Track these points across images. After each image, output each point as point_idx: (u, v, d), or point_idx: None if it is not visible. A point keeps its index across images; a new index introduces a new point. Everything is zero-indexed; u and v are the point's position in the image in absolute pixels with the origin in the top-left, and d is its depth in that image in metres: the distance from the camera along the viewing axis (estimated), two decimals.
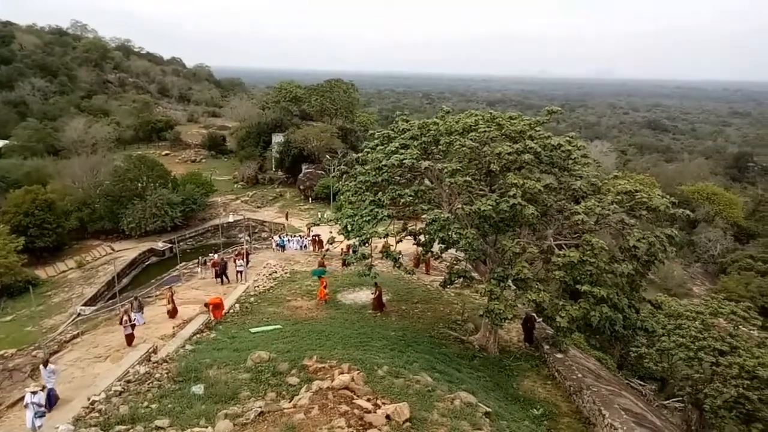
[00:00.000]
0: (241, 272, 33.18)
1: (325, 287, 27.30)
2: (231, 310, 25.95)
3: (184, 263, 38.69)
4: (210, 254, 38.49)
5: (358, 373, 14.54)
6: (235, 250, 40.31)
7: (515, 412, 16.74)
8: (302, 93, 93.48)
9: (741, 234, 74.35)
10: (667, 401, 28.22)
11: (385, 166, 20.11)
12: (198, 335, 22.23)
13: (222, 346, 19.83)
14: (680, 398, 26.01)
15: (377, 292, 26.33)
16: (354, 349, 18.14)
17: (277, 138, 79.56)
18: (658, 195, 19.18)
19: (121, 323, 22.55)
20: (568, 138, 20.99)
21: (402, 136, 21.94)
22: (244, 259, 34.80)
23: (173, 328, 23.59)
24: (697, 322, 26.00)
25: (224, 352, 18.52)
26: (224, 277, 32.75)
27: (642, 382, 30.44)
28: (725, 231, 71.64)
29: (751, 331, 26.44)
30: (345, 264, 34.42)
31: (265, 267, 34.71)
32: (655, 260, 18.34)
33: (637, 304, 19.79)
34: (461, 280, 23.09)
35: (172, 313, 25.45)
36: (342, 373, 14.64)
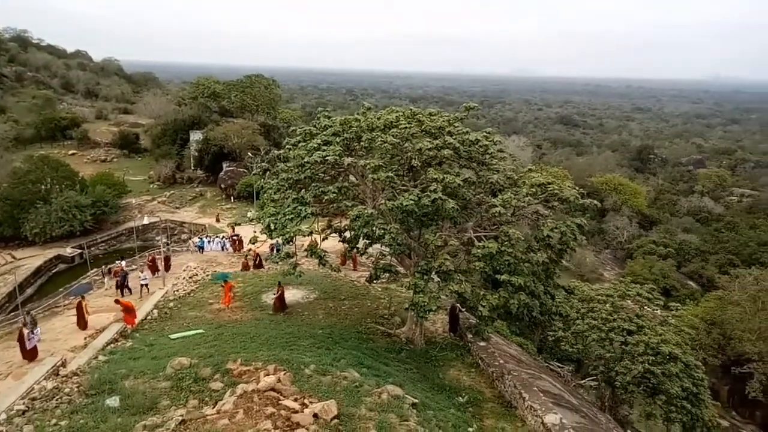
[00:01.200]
0: (145, 285, 29.55)
1: (230, 292, 26.36)
2: (149, 317, 24.76)
3: (95, 269, 36.44)
4: (118, 261, 35.82)
5: (284, 374, 14.34)
6: (150, 254, 37.20)
7: (441, 401, 17.15)
8: (221, 89, 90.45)
9: (645, 221, 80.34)
10: (583, 380, 29.84)
11: (308, 163, 19.90)
12: (112, 345, 21.02)
13: (139, 354, 18.88)
14: (595, 377, 27.64)
15: (279, 292, 25.68)
16: (280, 350, 17.86)
17: (196, 135, 76.65)
18: (569, 186, 20.27)
19: (18, 340, 20.89)
20: (485, 133, 21.70)
21: (324, 132, 21.79)
22: (161, 266, 32.88)
23: (84, 338, 22.17)
24: (607, 305, 27.84)
25: (142, 360, 17.65)
26: (125, 289, 29.57)
27: (560, 364, 32.03)
28: (631, 219, 77.12)
29: (655, 311, 28.64)
30: (245, 268, 33.86)
31: (185, 270, 33.37)
32: (567, 248, 19.38)
33: (552, 290, 20.82)
34: (387, 274, 23.35)
35: (83, 324, 23.88)
36: (268, 374, 14.39)
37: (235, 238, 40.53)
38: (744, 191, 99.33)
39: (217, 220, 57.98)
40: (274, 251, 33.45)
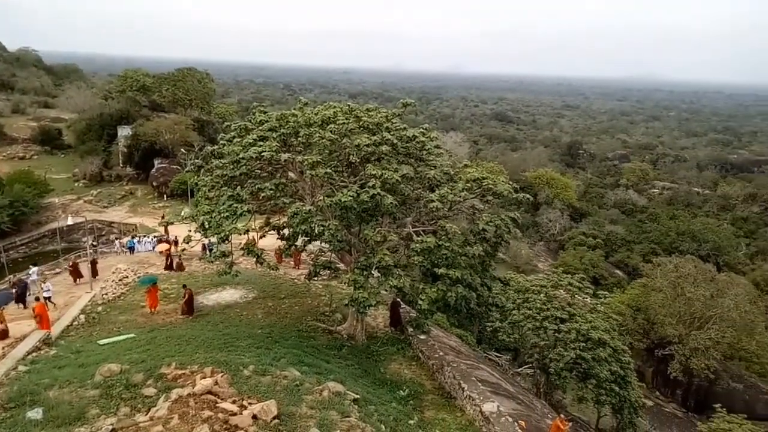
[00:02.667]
0: (48, 298, 25.54)
1: (155, 296, 25.26)
2: (75, 322, 23.45)
3: (14, 274, 34.04)
4: (31, 267, 31.68)
5: (222, 376, 13.98)
6: (72, 259, 33.20)
7: (383, 395, 17.27)
8: (151, 82, 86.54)
9: (575, 214, 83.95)
10: (520, 368, 30.81)
11: (243, 159, 19.42)
12: (34, 354, 19.74)
13: (65, 362, 17.83)
14: (530, 364, 28.61)
15: (186, 295, 24.49)
16: (218, 351, 17.39)
17: (124, 131, 73.08)
18: (503, 181, 20.84)
19: None
20: (422, 130, 21.95)
21: (260, 128, 21.32)
22: (88, 270, 30.39)
23: (2, 348, 20.68)
24: (541, 295, 28.84)
25: (67, 369, 16.68)
26: (23, 303, 25.72)
27: (498, 354, 32.98)
28: (562, 212, 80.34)
29: (585, 299, 29.97)
30: (180, 268, 32.86)
31: (114, 272, 31.80)
32: (502, 241, 19.97)
33: (489, 282, 21.39)
34: (327, 271, 23.23)
35: (1, 333, 22.25)
36: (204, 377, 13.99)
37: (162, 238, 38.85)
38: (665, 184, 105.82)
39: (163, 219, 55.15)
40: (207, 251, 32.54)
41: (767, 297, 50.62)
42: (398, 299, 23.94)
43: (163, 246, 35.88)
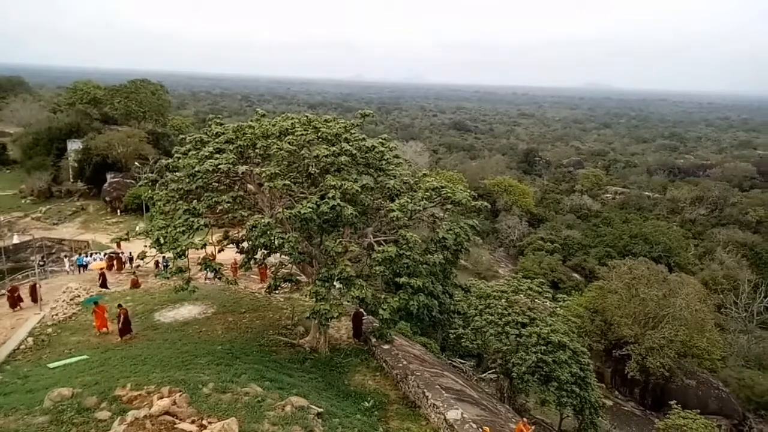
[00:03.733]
0: None
1: (103, 316, 24.18)
2: (22, 346, 22.35)
3: None
4: None
5: (180, 395, 13.56)
6: (9, 284, 30.64)
7: (347, 407, 17.10)
8: (103, 94, 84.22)
9: (533, 219, 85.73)
10: (484, 374, 31.05)
11: (199, 172, 19.03)
12: None
13: (11, 389, 16.95)
14: (494, 370, 28.86)
15: (121, 315, 23.27)
16: (176, 370, 16.88)
17: (74, 145, 70.67)
18: (461, 190, 21.11)
19: None
20: (381, 140, 22.04)
21: (216, 140, 20.98)
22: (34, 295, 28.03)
23: None
24: (502, 300, 29.16)
25: (14, 395, 15.86)
26: None
27: (462, 360, 33.20)
28: (521, 218, 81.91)
29: (545, 303, 30.51)
30: (134, 285, 31.86)
31: (64, 292, 30.52)
32: (462, 248, 20.15)
33: (450, 289, 21.57)
34: (288, 284, 22.95)
35: None
36: (162, 397, 13.53)
37: (112, 255, 37.64)
38: (617, 189, 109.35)
39: (128, 236, 53.17)
40: (161, 267, 31.72)
41: (715, 296, 52.88)
42: (361, 310, 23.83)
43: (98, 264, 35.52)
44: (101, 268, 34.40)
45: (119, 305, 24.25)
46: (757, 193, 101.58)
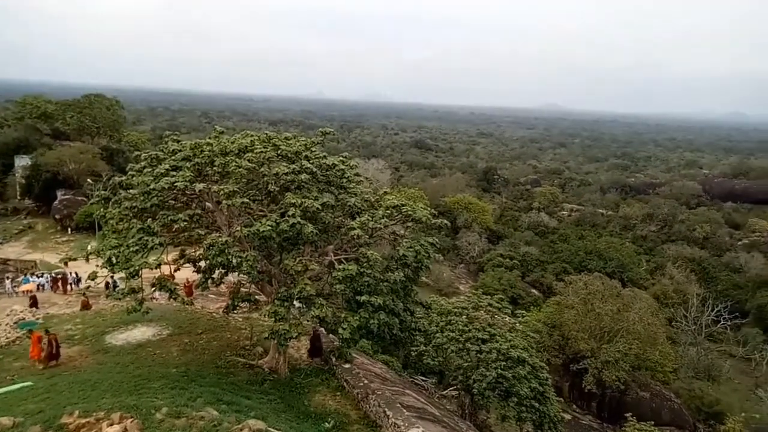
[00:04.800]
0: None
1: (40, 343, 22.21)
2: None
3: None
4: None
5: (131, 422, 13.09)
6: None
7: (307, 429, 16.82)
8: (54, 109, 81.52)
9: (492, 236, 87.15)
10: (446, 391, 31.06)
11: (155, 189, 18.57)
12: None
13: None
14: (455, 386, 28.91)
15: (51, 341, 21.47)
16: (127, 395, 16.24)
17: (22, 161, 67.98)
18: (421, 207, 21.28)
19: None
20: (342, 158, 22.07)
21: (173, 157, 20.54)
22: None
23: None
24: (463, 317, 29.38)
25: None
26: None
27: (424, 378, 33.14)
28: (480, 235, 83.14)
29: (505, 318, 30.90)
30: (85, 307, 30.69)
31: (8, 314, 29.05)
32: (422, 266, 20.25)
33: (411, 307, 21.59)
34: (247, 303, 22.52)
35: None
36: (112, 424, 13.04)
37: (58, 276, 36.18)
38: (572, 206, 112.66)
39: (87, 261, 51.01)
40: (111, 288, 30.69)
41: (666, 309, 54.83)
42: (319, 329, 23.57)
43: (28, 286, 34.58)
44: (30, 290, 33.62)
45: (46, 330, 22.75)
46: (703, 211, 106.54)
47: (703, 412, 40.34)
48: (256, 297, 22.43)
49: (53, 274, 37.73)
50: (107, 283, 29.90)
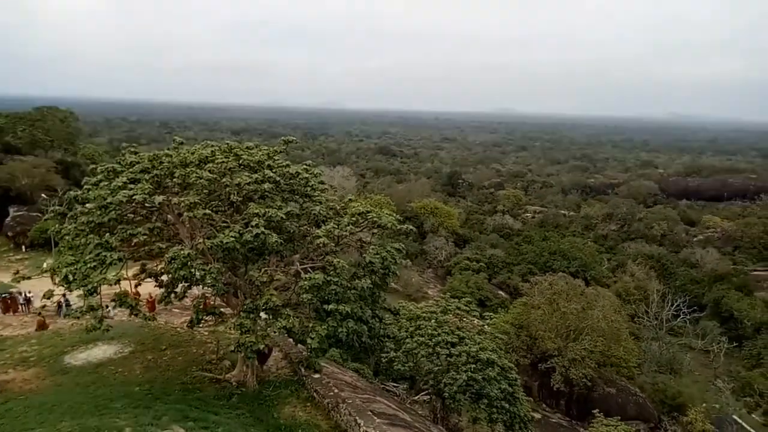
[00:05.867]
0: None
1: None
2: None
3: None
4: None
5: None
6: None
7: None
8: (4, 122, 78.47)
9: (459, 240, 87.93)
10: (417, 396, 31.04)
11: (112, 203, 18.01)
12: None
13: None
14: (426, 391, 28.94)
15: None
16: (88, 417, 15.68)
17: None
18: (387, 214, 21.30)
19: None
20: (305, 166, 21.90)
21: (131, 169, 19.98)
22: None
23: None
24: (432, 321, 29.49)
25: None
26: None
27: (395, 384, 33.04)
28: (447, 239, 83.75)
29: (473, 321, 31.15)
30: (41, 326, 29.42)
31: None
32: (389, 272, 20.23)
33: (380, 313, 21.51)
34: (212, 317, 22.06)
35: None
36: None
37: (6, 296, 34.65)
38: (536, 208, 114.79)
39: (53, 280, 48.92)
40: (63, 306, 29.63)
41: (628, 306, 56.35)
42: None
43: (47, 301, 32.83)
44: None
45: None
46: (660, 209, 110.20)
47: (666, 404, 41.52)
48: (222, 310, 21.99)
49: (4, 295, 36.11)
50: (59, 303, 28.87)
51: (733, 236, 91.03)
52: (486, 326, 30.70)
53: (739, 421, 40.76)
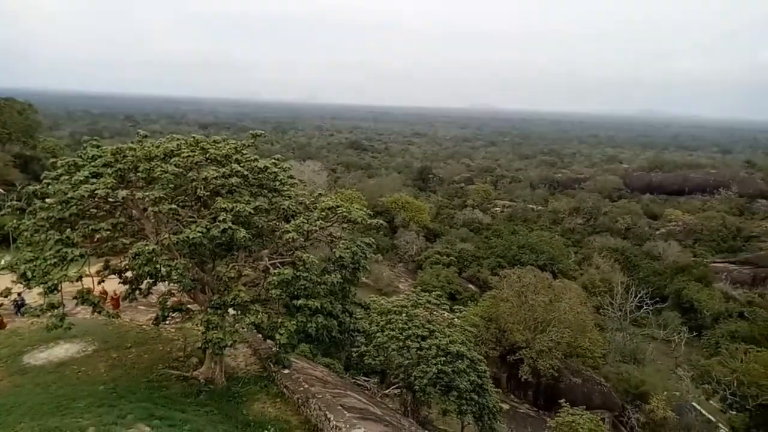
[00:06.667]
0: None
1: None
2: None
3: None
4: None
5: None
6: None
7: None
8: None
9: (430, 234, 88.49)
10: (388, 390, 31.17)
11: (74, 198, 17.49)
12: None
13: None
14: (397, 385, 29.09)
15: None
16: (49, 417, 15.26)
17: None
18: (357, 208, 21.23)
19: None
20: (274, 160, 21.64)
21: (93, 163, 19.41)
22: None
23: None
24: (403, 315, 29.64)
25: None
26: None
27: (366, 378, 33.13)
28: (418, 233, 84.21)
29: (443, 314, 31.42)
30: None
31: None
32: (359, 266, 20.22)
33: (350, 308, 21.50)
34: (179, 313, 21.70)
35: None
36: None
37: None
38: (504, 203, 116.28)
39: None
40: (18, 306, 28.71)
41: (594, 298, 57.65)
42: None
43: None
44: None
45: None
46: (624, 203, 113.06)
47: (630, 393, 42.70)
48: (189, 306, 21.63)
49: None
50: (15, 302, 27.95)
51: (694, 229, 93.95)
52: (456, 319, 30.99)
53: (698, 407, 42.28)
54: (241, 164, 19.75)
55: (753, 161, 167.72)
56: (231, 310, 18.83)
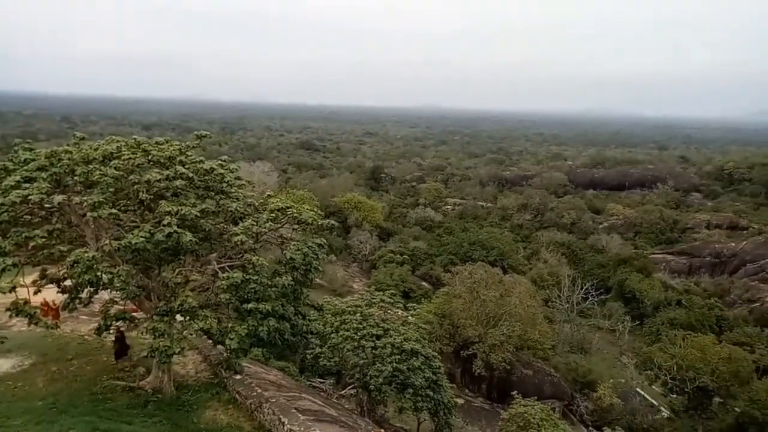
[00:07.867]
0: None
1: None
2: None
3: None
4: None
5: None
6: None
7: None
8: None
9: (383, 233, 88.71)
10: (344, 390, 31.04)
11: (4, 204, 16.53)
12: None
13: None
14: (353, 385, 29.00)
15: None
16: None
17: None
18: (307, 209, 21.04)
19: None
20: (220, 162, 21.16)
21: (25, 167, 18.41)
22: None
23: None
24: (357, 315, 29.53)
25: None
26: None
27: (322, 380, 32.89)
28: (371, 233, 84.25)
29: (398, 313, 31.52)
30: None
31: None
32: (311, 268, 20.03)
33: (303, 310, 21.27)
34: (122, 322, 20.86)
35: None
36: None
37: None
38: (455, 200, 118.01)
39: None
40: None
41: (543, 291, 59.35)
42: (122, 329, 22.94)
43: None
44: None
45: None
46: (569, 199, 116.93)
47: (578, 382, 44.22)
48: (133, 314, 20.84)
49: None
50: None
51: (634, 222, 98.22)
52: (410, 317, 31.15)
53: (642, 393, 44.28)
54: (186, 166, 19.22)
55: (687, 157, 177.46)
56: (179, 317, 18.28)
